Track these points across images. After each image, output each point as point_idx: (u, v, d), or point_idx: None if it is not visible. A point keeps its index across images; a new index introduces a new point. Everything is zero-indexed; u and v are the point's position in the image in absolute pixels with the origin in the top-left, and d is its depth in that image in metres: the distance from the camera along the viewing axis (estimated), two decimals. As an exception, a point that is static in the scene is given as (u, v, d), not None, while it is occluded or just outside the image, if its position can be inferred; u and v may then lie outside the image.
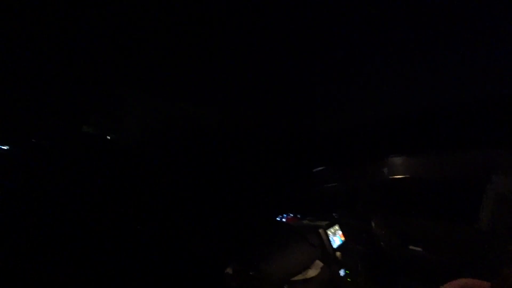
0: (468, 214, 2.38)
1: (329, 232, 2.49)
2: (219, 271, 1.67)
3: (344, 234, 2.64)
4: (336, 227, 2.63)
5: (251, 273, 1.79)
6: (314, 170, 1.59)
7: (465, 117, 1.08)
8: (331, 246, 2.43)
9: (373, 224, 2.71)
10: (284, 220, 2.95)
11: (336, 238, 2.54)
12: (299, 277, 2.12)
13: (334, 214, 2.90)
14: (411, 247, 2.45)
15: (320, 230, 2.44)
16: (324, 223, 2.57)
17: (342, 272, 2.43)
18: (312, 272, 2.20)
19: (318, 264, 2.31)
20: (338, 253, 2.40)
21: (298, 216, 3.02)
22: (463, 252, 2.28)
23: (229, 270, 1.81)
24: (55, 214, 2.71)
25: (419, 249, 2.41)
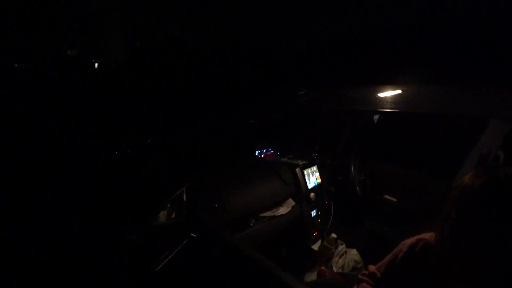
0: (446, 170, 2.32)
1: (305, 172, 2.39)
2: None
3: (321, 175, 2.55)
4: (315, 168, 2.52)
5: (216, 205, 1.67)
6: (298, 93, 1.36)
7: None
8: (306, 185, 2.35)
9: (352, 169, 2.62)
10: (262, 155, 2.82)
11: (313, 178, 2.45)
12: (268, 213, 2.04)
13: (313, 155, 2.78)
14: (386, 196, 2.40)
15: (297, 169, 2.32)
16: (302, 162, 2.46)
17: (313, 213, 2.39)
18: (282, 210, 2.13)
19: (290, 202, 2.25)
20: (312, 194, 2.33)
21: (278, 153, 2.90)
22: (434, 206, 2.26)
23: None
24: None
25: (394, 199, 2.36)
